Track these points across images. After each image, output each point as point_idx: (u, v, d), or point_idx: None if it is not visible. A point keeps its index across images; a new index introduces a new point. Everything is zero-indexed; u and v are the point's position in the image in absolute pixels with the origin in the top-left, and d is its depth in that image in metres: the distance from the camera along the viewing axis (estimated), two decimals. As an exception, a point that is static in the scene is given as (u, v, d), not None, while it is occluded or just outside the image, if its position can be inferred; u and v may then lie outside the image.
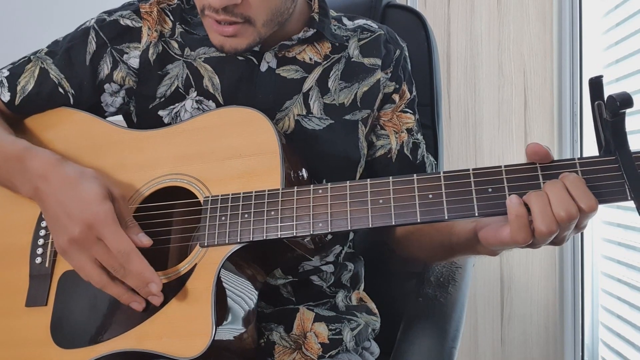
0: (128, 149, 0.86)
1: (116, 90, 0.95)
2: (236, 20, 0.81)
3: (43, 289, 0.82)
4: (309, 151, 0.89)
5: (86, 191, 0.76)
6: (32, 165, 0.81)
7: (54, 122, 0.92)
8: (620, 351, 1.47)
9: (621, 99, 0.63)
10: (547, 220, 0.64)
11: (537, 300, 1.74)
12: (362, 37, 0.97)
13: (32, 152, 0.83)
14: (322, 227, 0.73)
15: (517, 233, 0.66)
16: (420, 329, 0.94)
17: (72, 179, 0.78)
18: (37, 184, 0.80)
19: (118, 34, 0.94)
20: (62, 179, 0.78)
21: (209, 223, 0.77)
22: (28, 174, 0.81)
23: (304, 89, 0.92)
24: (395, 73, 0.97)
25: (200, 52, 0.93)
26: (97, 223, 0.74)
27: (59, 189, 0.78)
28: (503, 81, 1.76)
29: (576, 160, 0.67)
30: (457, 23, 1.79)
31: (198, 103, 0.91)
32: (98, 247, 0.75)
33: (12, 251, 0.85)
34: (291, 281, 0.93)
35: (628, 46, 1.48)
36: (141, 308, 0.76)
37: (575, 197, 0.64)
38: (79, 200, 0.76)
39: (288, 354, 0.88)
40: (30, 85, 0.93)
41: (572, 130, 1.66)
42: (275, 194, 0.76)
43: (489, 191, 0.68)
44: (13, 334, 0.81)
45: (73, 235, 0.75)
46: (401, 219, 0.70)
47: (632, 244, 1.45)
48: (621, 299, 1.50)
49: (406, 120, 0.98)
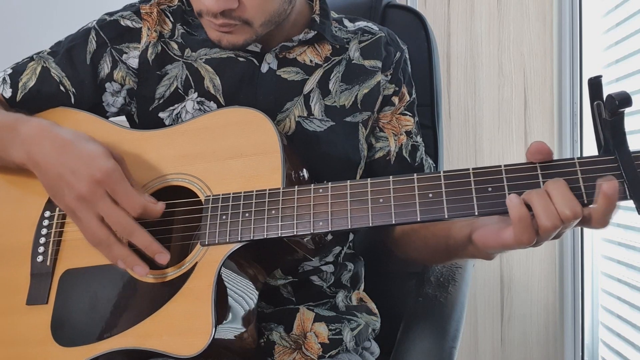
0: (130, 149, 0.87)
1: (117, 90, 0.96)
2: (234, 23, 0.81)
3: (44, 287, 0.82)
4: (310, 152, 0.89)
5: (88, 149, 0.76)
6: (24, 130, 0.80)
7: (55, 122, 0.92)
8: (620, 351, 1.48)
9: (620, 98, 0.63)
10: (551, 216, 0.64)
11: (537, 300, 1.74)
12: (363, 39, 0.97)
13: (24, 119, 0.83)
14: (323, 226, 0.73)
15: (522, 234, 0.66)
16: (420, 329, 0.94)
17: (68, 140, 0.78)
18: (29, 148, 0.79)
19: (118, 34, 0.95)
20: (58, 140, 0.78)
21: (210, 222, 0.77)
22: (20, 140, 0.80)
23: (304, 91, 0.93)
24: (395, 75, 0.97)
25: (202, 53, 0.93)
26: (106, 178, 0.74)
27: (56, 149, 0.77)
28: (503, 81, 1.76)
29: (575, 160, 0.67)
30: (457, 23, 1.79)
31: (199, 104, 0.92)
32: (105, 203, 0.74)
33: (14, 249, 0.85)
34: (291, 281, 0.94)
35: (628, 46, 1.48)
36: (145, 272, 0.75)
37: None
38: (83, 158, 0.75)
39: (288, 354, 0.88)
40: (31, 82, 0.93)
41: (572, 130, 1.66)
42: (276, 193, 0.76)
43: (489, 190, 0.68)
44: (14, 332, 0.81)
45: (80, 191, 0.74)
46: (401, 218, 0.71)
47: (632, 244, 1.45)
48: (621, 299, 1.50)
49: (405, 123, 0.98)
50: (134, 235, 0.75)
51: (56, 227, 0.84)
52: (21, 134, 0.81)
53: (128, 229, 0.74)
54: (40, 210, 0.86)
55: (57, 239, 0.84)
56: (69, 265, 0.82)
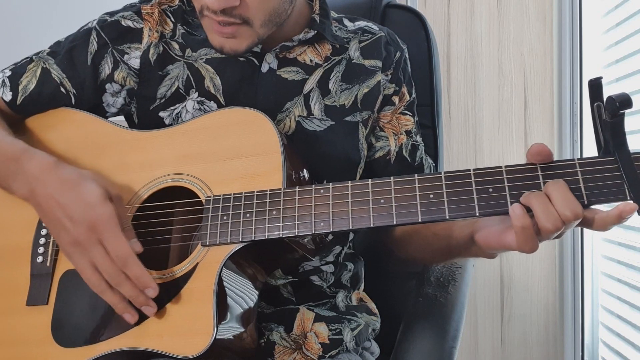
0: (130, 149, 0.87)
1: (117, 91, 0.95)
2: (235, 21, 0.81)
3: (44, 288, 0.82)
4: (310, 152, 0.89)
5: (86, 193, 0.76)
6: (29, 167, 0.81)
7: (55, 122, 0.92)
8: (620, 351, 1.48)
9: (620, 100, 0.63)
10: (552, 218, 0.64)
11: (537, 300, 1.74)
12: (363, 39, 0.97)
13: (29, 153, 0.82)
14: (324, 226, 0.73)
15: (525, 244, 0.66)
16: (420, 329, 0.94)
17: (70, 181, 0.78)
18: (33, 186, 0.79)
19: (119, 35, 0.95)
20: (60, 181, 0.78)
21: (211, 222, 0.77)
22: (24, 176, 0.81)
23: (304, 90, 0.93)
24: (396, 75, 0.97)
25: (202, 53, 0.93)
26: (99, 225, 0.74)
27: (57, 191, 0.78)
28: (503, 81, 1.76)
29: (576, 161, 0.68)
30: (457, 23, 1.79)
31: (200, 104, 0.92)
32: (97, 251, 0.75)
33: (14, 250, 0.85)
34: (291, 281, 0.94)
35: (628, 46, 1.48)
36: (133, 321, 0.76)
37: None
38: (80, 202, 0.76)
39: (288, 354, 0.88)
40: (32, 84, 0.93)
41: (572, 130, 1.66)
42: (277, 194, 0.76)
43: (490, 191, 0.69)
44: (14, 333, 0.81)
45: (76, 237, 0.75)
46: (402, 218, 0.71)
47: (632, 244, 1.45)
48: (621, 299, 1.50)
49: (405, 122, 0.98)
50: (122, 286, 0.75)
51: (56, 228, 0.84)
52: (25, 171, 0.81)
53: (116, 279, 0.75)
54: (40, 211, 0.86)
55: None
56: (69, 266, 0.82)
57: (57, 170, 0.80)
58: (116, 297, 0.76)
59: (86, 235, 0.74)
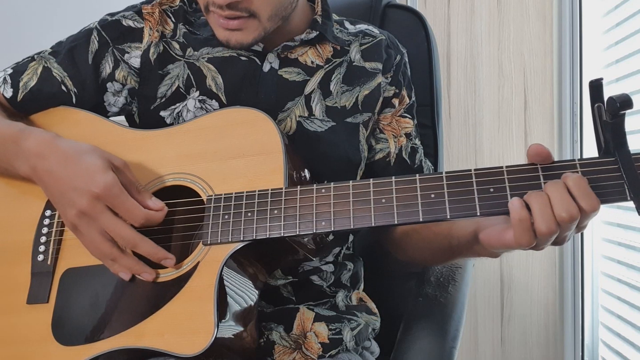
0: (131, 148, 0.87)
1: (119, 90, 0.96)
2: (241, 14, 0.82)
3: (45, 286, 0.82)
4: (310, 152, 0.89)
5: (87, 163, 0.77)
6: (27, 145, 0.81)
7: (56, 121, 0.93)
8: (620, 351, 1.48)
9: (621, 101, 0.63)
10: (547, 220, 0.64)
11: (537, 300, 1.75)
12: (364, 42, 0.98)
13: (26, 132, 0.83)
14: (325, 226, 0.73)
15: (521, 236, 0.66)
16: (420, 329, 0.94)
17: (70, 154, 0.79)
18: (34, 163, 0.80)
19: (120, 34, 0.95)
20: (60, 155, 0.79)
21: (212, 221, 0.77)
22: (24, 154, 0.81)
23: (306, 91, 0.93)
24: (396, 78, 0.98)
25: (204, 52, 0.93)
26: (104, 193, 0.75)
27: (58, 165, 0.78)
28: (503, 81, 1.76)
29: (576, 161, 0.68)
30: (457, 23, 1.79)
31: (201, 102, 0.92)
32: (106, 218, 0.75)
33: (14, 248, 0.85)
34: (291, 281, 0.94)
35: (628, 46, 1.48)
36: (152, 278, 0.77)
37: (577, 197, 0.65)
38: (82, 174, 0.76)
39: (288, 353, 0.88)
40: (32, 81, 0.93)
41: (572, 130, 1.67)
42: (279, 193, 0.76)
43: (491, 191, 0.69)
44: (14, 331, 0.81)
45: (81, 207, 0.75)
46: (404, 218, 0.71)
47: (632, 244, 1.45)
48: (621, 299, 1.50)
49: (405, 125, 0.99)
50: (139, 245, 0.76)
51: (57, 226, 0.85)
52: (24, 149, 0.81)
53: (131, 240, 0.76)
54: (41, 209, 0.86)
55: (58, 238, 0.84)
56: (69, 264, 0.82)
57: (56, 145, 0.80)
58: (131, 259, 0.77)
59: (92, 204, 0.75)
